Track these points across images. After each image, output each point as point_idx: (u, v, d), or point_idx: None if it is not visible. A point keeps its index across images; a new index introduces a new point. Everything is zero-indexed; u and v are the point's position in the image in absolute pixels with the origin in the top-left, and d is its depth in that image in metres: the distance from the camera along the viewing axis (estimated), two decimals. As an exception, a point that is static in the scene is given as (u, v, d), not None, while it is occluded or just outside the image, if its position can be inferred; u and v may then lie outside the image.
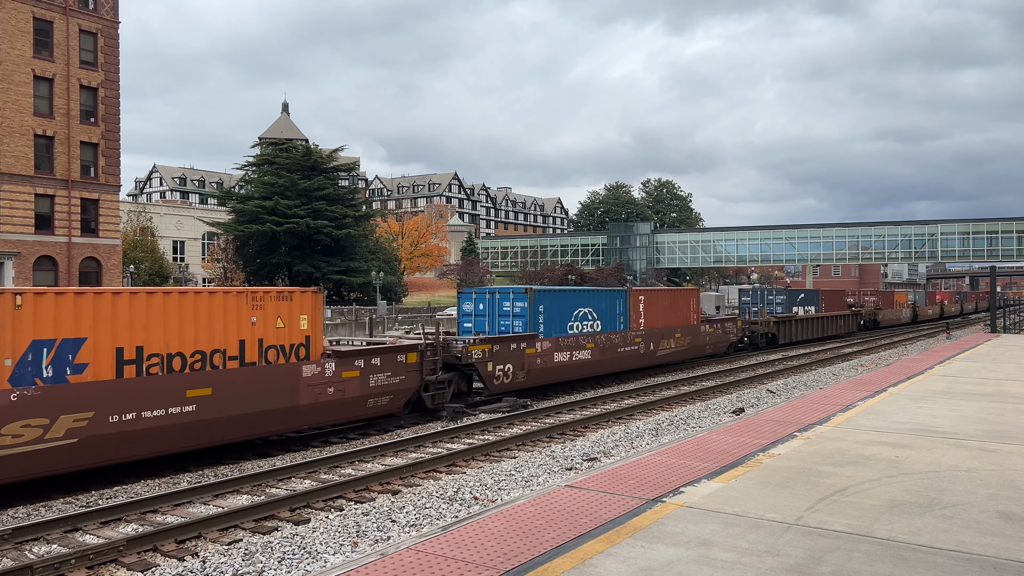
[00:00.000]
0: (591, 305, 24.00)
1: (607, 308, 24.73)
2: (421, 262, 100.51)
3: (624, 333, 25.34)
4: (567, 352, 22.55)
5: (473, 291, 22.72)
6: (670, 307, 28.34)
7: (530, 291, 21.54)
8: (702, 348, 30.81)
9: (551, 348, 21.90)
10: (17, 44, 44.22)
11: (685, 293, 30.62)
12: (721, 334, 32.25)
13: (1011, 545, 6.88)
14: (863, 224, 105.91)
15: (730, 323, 33.64)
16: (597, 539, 7.07)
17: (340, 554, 8.85)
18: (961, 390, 17.21)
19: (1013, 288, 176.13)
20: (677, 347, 28.50)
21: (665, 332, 27.62)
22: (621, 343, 25.04)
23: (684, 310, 29.49)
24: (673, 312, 28.45)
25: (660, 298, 28.08)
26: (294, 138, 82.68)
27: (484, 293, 22.44)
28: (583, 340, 23.22)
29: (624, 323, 25.51)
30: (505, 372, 19.98)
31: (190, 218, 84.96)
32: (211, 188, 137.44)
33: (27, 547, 9.48)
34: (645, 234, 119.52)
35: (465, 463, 13.79)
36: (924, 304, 71.46)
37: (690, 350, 29.73)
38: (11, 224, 44.38)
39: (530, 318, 21.49)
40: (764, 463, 10.02)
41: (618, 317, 25.20)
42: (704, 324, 30.86)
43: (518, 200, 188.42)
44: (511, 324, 21.66)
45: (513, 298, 21.76)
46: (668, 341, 27.76)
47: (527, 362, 20.89)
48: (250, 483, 12.28)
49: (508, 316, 21.67)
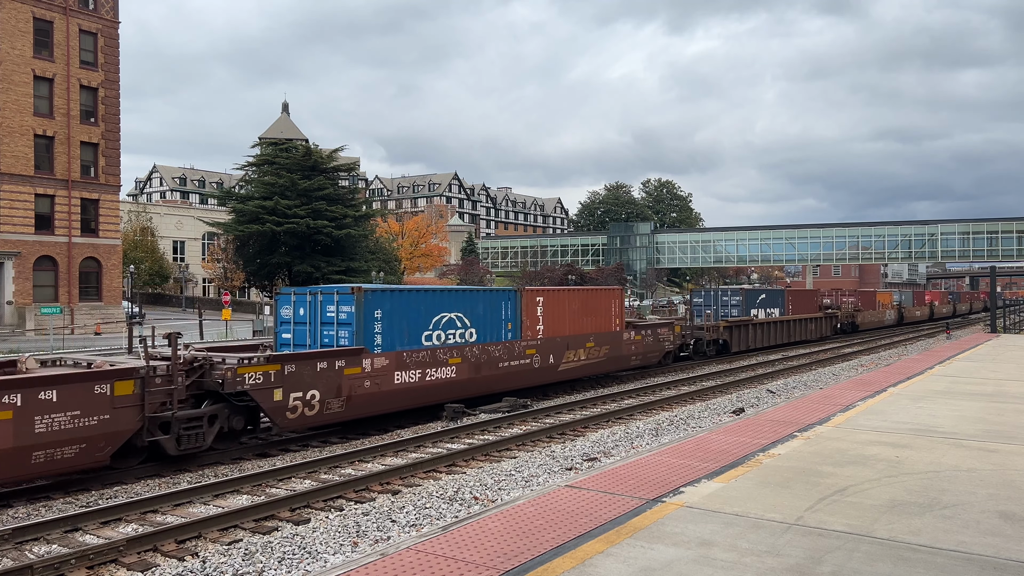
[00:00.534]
0: (460, 309, 19.16)
1: (486, 312, 19.99)
2: (421, 262, 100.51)
3: (510, 344, 20.45)
4: (417, 370, 17.67)
5: (293, 291, 17.98)
6: (581, 311, 23.65)
7: (359, 291, 16.70)
8: (625, 360, 25.82)
9: (390, 366, 16.94)
10: (17, 44, 44.23)
11: (603, 294, 25.40)
12: (652, 343, 27.20)
13: (1011, 545, 6.88)
14: (863, 224, 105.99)
15: (665, 329, 28.40)
16: (597, 539, 7.07)
17: (340, 554, 8.85)
18: (961, 390, 17.21)
19: (1012, 288, 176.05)
20: (589, 359, 23.68)
21: (572, 341, 22.87)
22: (505, 356, 20.19)
23: (601, 314, 24.62)
24: (586, 317, 23.79)
25: (566, 300, 23.23)
26: (294, 138, 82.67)
27: (305, 295, 17.65)
28: (444, 354, 18.36)
29: (513, 331, 20.75)
30: (307, 402, 15.17)
31: (190, 218, 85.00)
32: (211, 188, 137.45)
33: (27, 547, 9.48)
34: (645, 234, 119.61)
35: (465, 463, 13.79)
36: (911, 305, 65.94)
37: (609, 362, 24.81)
38: (11, 224, 44.39)
39: (359, 326, 16.58)
40: (764, 463, 10.02)
41: (503, 324, 20.49)
42: (629, 331, 25.87)
43: (518, 200, 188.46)
44: (335, 335, 16.93)
45: (338, 300, 16.95)
46: (576, 352, 23.01)
47: (348, 386, 15.98)
48: (250, 483, 12.29)
49: (331, 324, 17.01)
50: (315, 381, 15.35)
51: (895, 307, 60.56)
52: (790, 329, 39.75)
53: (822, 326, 44.53)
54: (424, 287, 19.13)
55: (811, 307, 44.31)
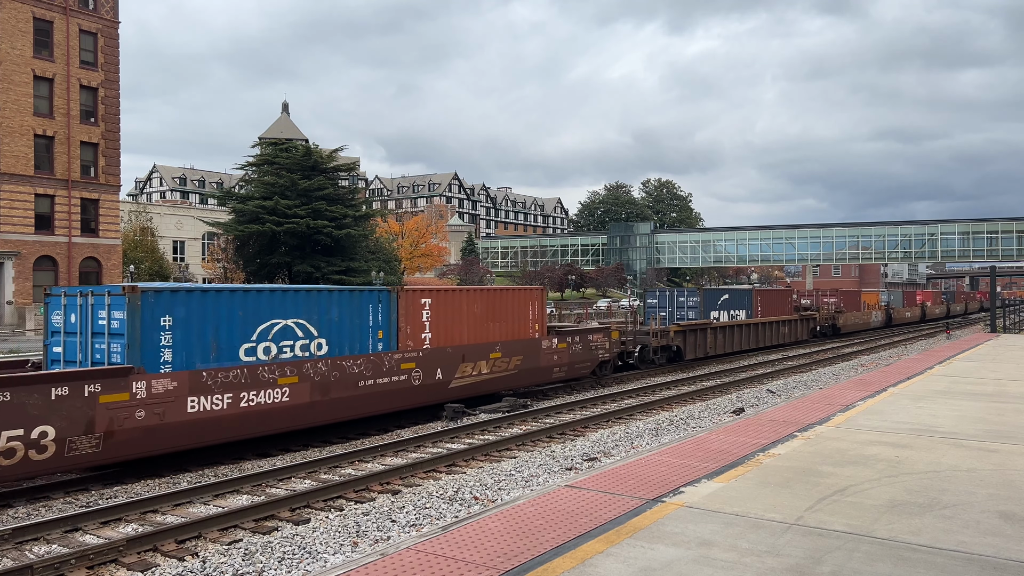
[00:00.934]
0: (303, 314, 15.26)
1: (345, 318, 16.11)
2: (421, 262, 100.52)
3: (379, 357, 16.55)
4: (227, 394, 13.65)
5: (63, 292, 14.12)
6: (486, 315, 19.97)
7: (133, 292, 12.81)
8: (545, 372, 21.77)
9: (180, 389, 12.97)
10: (17, 44, 44.24)
11: (517, 295, 21.33)
12: (581, 352, 23.13)
13: (1011, 545, 6.88)
14: (863, 224, 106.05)
15: (599, 335, 24.23)
16: (597, 539, 7.07)
17: (340, 554, 8.85)
18: (961, 390, 17.21)
19: (1012, 288, 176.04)
20: (495, 373, 19.82)
21: (471, 352, 19.05)
22: (370, 372, 16.25)
23: (513, 319, 20.89)
24: (492, 322, 20.13)
25: (464, 302, 19.42)
26: (294, 138, 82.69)
27: (76, 296, 13.81)
28: (272, 372, 14.44)
29: (386, 341, 17.06)
30: (32, 442, 11.13)
31: (190, 218, 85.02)
32: (211, 188, 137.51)
33: (27, 547, 9.48)
34: (645, 234, 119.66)
35: (465, 463, 13.80)
36: (901, 305, 62.06)
37: (522, 376, 20.83)
38: (11, 224, 44.40)
39: (133, 338, 12.72)
40: (764, 463, 10.02)
41: (370, 332, 16.70)
42: (551, 338, 21.92)
43: (518, 200, 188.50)
44: (106, 349, 13.18)
45: (109, 305, 13.09)
46: (475, 365, 19.12)
47: (108, 419, 11.99)
48: (250, 483, 12.29)
49: (103, 335, 13.25)
50: (47, 414, 11.30)
51: (882, 308, 57.16)
52: (758, 333, 35.87)
53: (797, 329, 40.73)
54: (250, 286, 15.00)
55: (783, 308, 40.39)
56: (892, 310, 58.15)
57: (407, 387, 17.33)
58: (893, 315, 57.89)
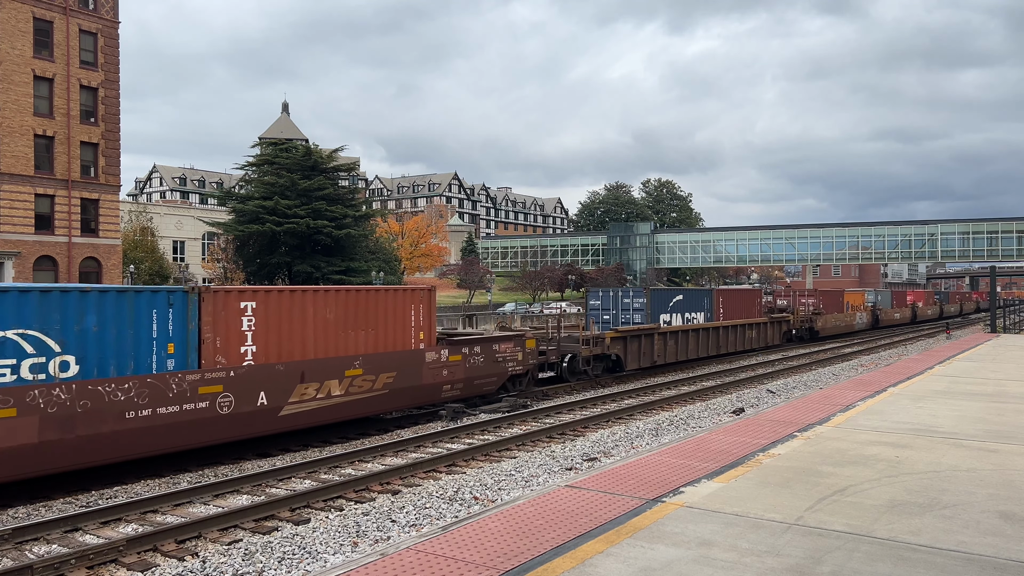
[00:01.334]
0: (33, 323, 11.61)
1: (107, 327, 12.40)
2: (421, 262, 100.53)
3: (161, 379, 12.82)
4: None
5: None
6: (344, 321, 16.04)
7: None
8: (431, 391, 17.97)
9: None
10: (17, 44, 44.23)
11: (393, 296, 17.30)
12: (483, 364, 19.34)
13: (1011, 545, 6.88)
14: (863, 224, 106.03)
15: (508, 344, 20.25)
16: (597, 539, 7.07)
17: (340, 554, 8.85)
18: (961, 390, 17.21)
19: (1012, 288, 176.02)
20: (354, 395, 15.90)
21: (316, 369, 15.19)
22: (145, 400, 12.53)
23: (386, 326, 16.99)
24: (354, 330, 16.22)
25: (310, 304, 15.43)
26: (294, 138, 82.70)
27: None
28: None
29: (179, 357, 13.33)
30: None
31: (190, 218, 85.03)
32: (211, 188, 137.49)
33: (27, 547, 9.48)
34: (645, 234, 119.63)
35: (465, 463, 13.80)
36: (889, 306, 58.27)
37: (395, 397, 16.92)
38: (11, 224, 44.38)
39: None
40: (764, 463, 10.02)
41: (152, 345, 12.98)
42: (439, 349, 18.14)
43: (518, 200, 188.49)
44: None
45: None
46: (322, 386, 15.28)
47: None
48: (250, 483, 12.29)
49: None
50: None
51: (868, 309, 53.61)
52: (719, 338, 32.11)
53: (767, 333, 36.94)
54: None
55: (751, 310, 36.32)
56: (879, 311, 55.29)
57: (210, 417, 13.48)
58: (880, 317, 55.06)
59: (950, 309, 77.60)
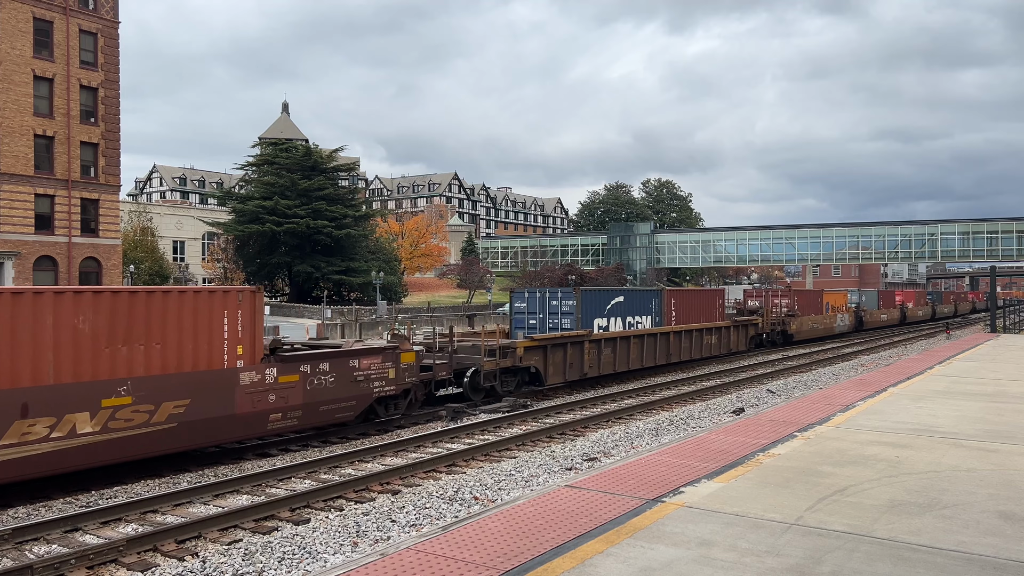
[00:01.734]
0: None
1: None
2: (421, 262, 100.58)
3: None
4: None
5: None
6: (107, 332, 12.19)
7: None
8: (251, 422, 14.17)
9: None
10: (17, 44, 44.23)
11: (194, 299, 13.48)
12: (333, 386, 15.67)
13: (1011, 545, 6.88)
14: (863, 224, 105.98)
15: (373, 359, 16.61)
16: (597, 539, 7.07)
17: (340, 554, 8.85)
18: (961, 390, 17.21)
19: (1012, 288, 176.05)
20: (116, 432, 12.10)
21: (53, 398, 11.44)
22: None
23: (181, 337, 13.16)
24: (122, 344, 12.36)
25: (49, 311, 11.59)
26: (294, 138, 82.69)
27: None
28: None
29: None
30: None
31: (190, 218, 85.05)
32: (211, 188, 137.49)
33: (27, 547, 9.48)
34: (645, 234, 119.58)
35: (465, 463, 13.80)
36: (875, 307, 54.47)
37: (190, 432, 13.15)
38: (11, 224, 44.38)
39: None
40: (764, 463, 10.02)
41: None
42: (267, 368, 14.41)
43: (518, 200, 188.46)
44: None
45: None
46: (60, 423, 11.48)
47: None
48: (250, 483, 12.29)
49: None
50: None
51: (850, 310, 49.76)
52: (670, 345, 28.24)
53: (730, 338, 33.20)
54: None
55: (710, 313, 32.15)
56: (864, 312, 51.71)
57: None
58: (865, 318, 51.53)
59: (944, 310, 74.19)
